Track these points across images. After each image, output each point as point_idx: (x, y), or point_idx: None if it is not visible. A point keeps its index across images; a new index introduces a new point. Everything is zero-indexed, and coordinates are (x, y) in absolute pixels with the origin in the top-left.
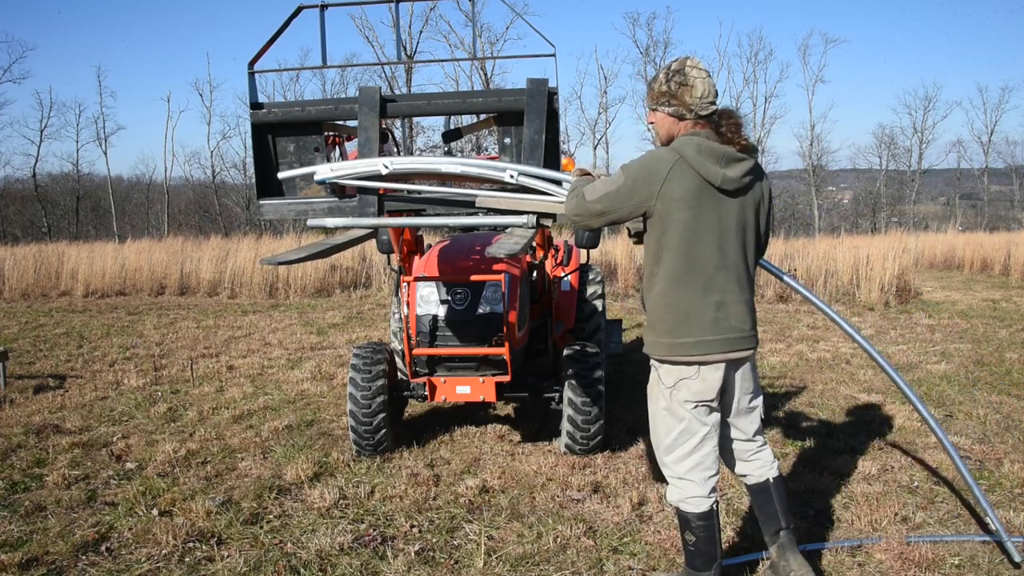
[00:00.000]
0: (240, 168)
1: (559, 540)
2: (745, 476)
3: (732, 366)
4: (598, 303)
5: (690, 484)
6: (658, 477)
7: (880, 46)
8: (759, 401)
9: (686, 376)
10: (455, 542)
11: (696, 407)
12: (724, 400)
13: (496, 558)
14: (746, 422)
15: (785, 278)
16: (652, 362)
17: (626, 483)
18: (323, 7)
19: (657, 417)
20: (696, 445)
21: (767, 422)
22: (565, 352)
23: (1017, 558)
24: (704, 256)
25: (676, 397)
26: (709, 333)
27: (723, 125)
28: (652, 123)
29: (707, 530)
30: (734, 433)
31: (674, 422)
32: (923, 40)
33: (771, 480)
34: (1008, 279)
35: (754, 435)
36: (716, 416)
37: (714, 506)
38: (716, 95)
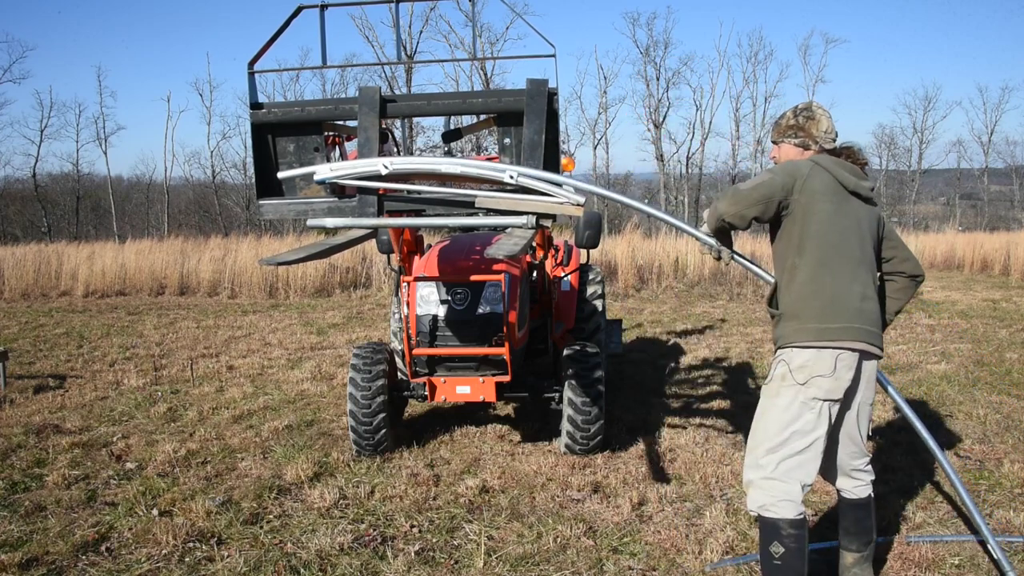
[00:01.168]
0: (240, 168)
1: (559, 540)
2: (844, 490)
3: (863, 363)
4: (598, 303)
5: (783, 486)
6: (658, 478)
7: (880, 46)
8: (871, 413)
9: (821, 373)
10: (455, 542)
11: (822, 405)
12: (848, 402)
13: (496, 558)
14: (858, 430)
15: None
16: (781, 357)
17: (626, 483)
18: (323, 7)
19: (771, 413)
20: (806, 447)
21: None
22: (565, 352)
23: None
24: (846, 247)
25: (805, 393)
26: (855, 320)
27: (843, 154)
28: (775, 157)
29: (798, 540)
30: (845, 443)
31: (791, 419)
32: (923, 40)
33: (871, 496)
34: (1008, 279)
35: (863, 445)
36: (830, 424)
37: (804, 513)
38: (837, 135)
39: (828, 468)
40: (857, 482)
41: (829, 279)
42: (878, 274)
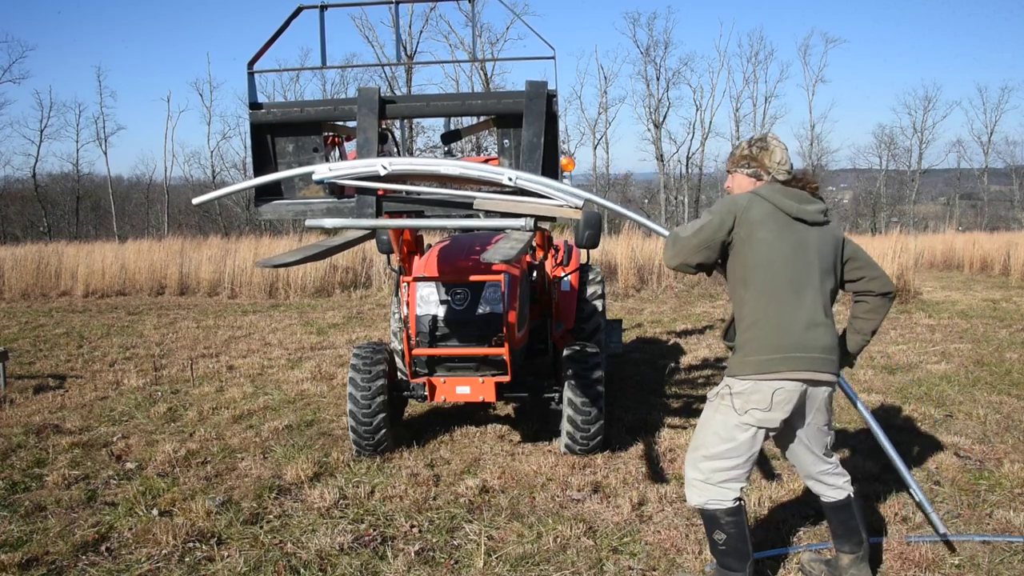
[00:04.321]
0: (240, 168)
1: (559, 540)
2: (822, 495)
3: (812, 388)
4: (598, 303)
5: (718, 490)
6: (658, 478)
7: (880, 46)
8: (831, 431)
9: (756, 406)
10: (455, 542)
11: (757, 432)
12: (794, 425)
13: (496, 558)
14: (819, 446)
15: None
16: (726, 381)
17: (626, 483)
18: (323, 7)
19: (711, 426)
20: (740, 462)
21: None
22: (565, 352)
23: (942, 529)
24: (789, 274)
25: (740, 418)
26: (797, 350)
27: (792, 181)
28: (729, 187)
29: (737, 526)
30: (809, 457)
31: (726, 437)
32: (923, 40)
33: (851, 495)
34: (1008, 279)
35: (825, 454)
36: (763, 440)
37: (740, 502)
38: (792, 167)
39: (803, 475)
40: (830, 486)
41: (772, 309)
42: (859, 292)
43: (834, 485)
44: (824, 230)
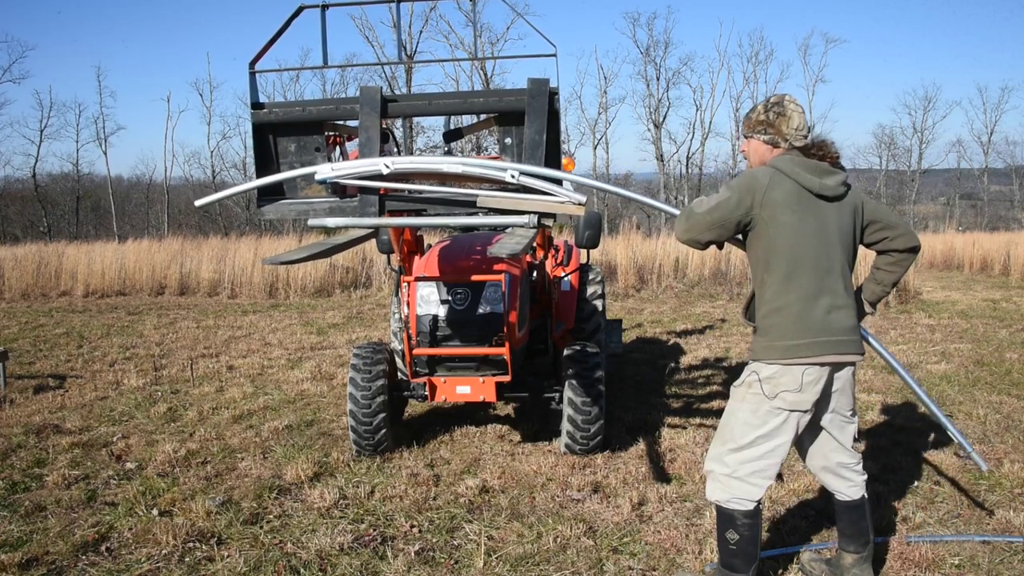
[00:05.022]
0: (240, 168)
1: (559, 540)
2: (838, 492)
3: (836, 372)
4: (598, 303)
5: (744, 485)
6: (658, 478)
7: (880, 46)
8: (855, 418)
9: (787, 388)
10: (455, 542)
11: (789, 415)
12: (819, 411)
13: (496, 558)
14: (843, 433)
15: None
16: (752, 367)
17: (626, 483)
18: (324, 7)
19: (738, 415)
20: (770, 451)
21: None
22: (565, 352)
23: (984, 467)
24: (812, 258)
25: (771, 403)
26: (822, 334)
27: (812, 148)
28: (744, 151)
29: (751, 528)
30: (831, 444)
31: (757, 425)
32: (923, 40)
33: (865, 496)
34: (1008, 279)
35: (851, 447)
36: (796, 432)
37: (759, 505)
38: (809, 130)
39: (819, 469)
40: (848, 482)
41: (795, 294)
42: (882, 251)
43: (852, 481)
44: (843, 204)
